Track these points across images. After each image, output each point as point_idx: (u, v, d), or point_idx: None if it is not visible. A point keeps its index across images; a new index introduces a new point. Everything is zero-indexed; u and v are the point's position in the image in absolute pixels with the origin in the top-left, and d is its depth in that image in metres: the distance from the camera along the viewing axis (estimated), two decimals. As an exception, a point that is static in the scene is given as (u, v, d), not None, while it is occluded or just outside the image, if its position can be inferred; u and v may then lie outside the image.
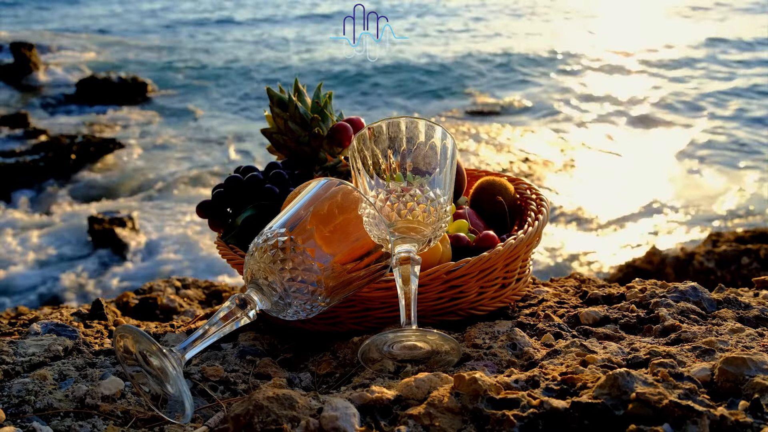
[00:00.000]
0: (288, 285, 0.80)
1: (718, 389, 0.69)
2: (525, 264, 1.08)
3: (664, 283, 1.08)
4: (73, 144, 7.18)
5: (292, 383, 0.87)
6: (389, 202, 0.88)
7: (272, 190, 1.11)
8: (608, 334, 0.91)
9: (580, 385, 0.70)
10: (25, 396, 0.78)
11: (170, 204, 6.47)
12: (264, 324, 1.08)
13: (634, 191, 6.47)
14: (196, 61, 12.58)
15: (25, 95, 10.42)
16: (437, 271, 0.93)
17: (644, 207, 6.10)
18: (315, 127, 1.19)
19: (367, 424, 0.66)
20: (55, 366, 0.88)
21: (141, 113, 9.53)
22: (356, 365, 0.89)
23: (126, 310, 1.54)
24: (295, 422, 0.64)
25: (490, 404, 0.66)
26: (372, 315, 0.98)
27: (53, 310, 1.30)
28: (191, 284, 1.94)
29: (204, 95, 10.41)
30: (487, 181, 1.25)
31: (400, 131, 0.91)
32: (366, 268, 0.85)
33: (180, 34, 15.23)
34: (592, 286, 1.17)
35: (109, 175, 7.25)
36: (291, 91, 1.23)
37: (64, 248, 5.56)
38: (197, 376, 0.88)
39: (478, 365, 0.84)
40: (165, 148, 8.13)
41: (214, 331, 0.78)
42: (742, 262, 2.97)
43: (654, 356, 0.78)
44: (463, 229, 1.09)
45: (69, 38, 14.91)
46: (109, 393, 0.80)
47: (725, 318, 0.94)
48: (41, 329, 1.01)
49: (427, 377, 0.73)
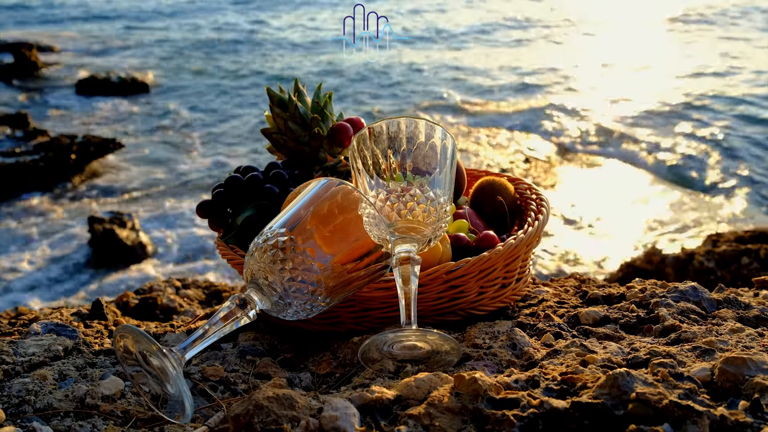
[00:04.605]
0: (288, 285, 0.80)
1: (718, 389, 0.69)
2: (525, 264, 1.08)
3: (664, 283, 1.08)
4: (73, 144, 7.18)
5: (292, 383, 0.87)
6: (389, 202, 0.88)
7: (272, 190, 1.11)
8: (608, 334, 0.91)
9: (580, 385, 0.70)
10: (25, 396, 0.78)
11: (170, 204, 6.47)
12: (264, 324, 1.08)
13: (633, 191, 6.47)
14: (198, 61, 12.58)
15: (25, 95, 10.42)
16: (437, 271, 0.93)
17: (644, 207, 6.10)
18: (315, 127, 1.19)
19: (367, 424, 0.66)
20: (55, 366, 0.88)
21: (141, 113, 9.52)
22: (356, 365, 0.89)
23: (126, 310, 1.54)
24: (295, 422, 0.64)
25: (490, 404, 0.66)
26: (372, 315, 0.98)
27: (53, 310, 1.30)
28: (191, 284, 1.94)
29: (205, 95, 10.41)
30: (487, 181, 1.25)
31: (400, 131, 0.91)
32: (366, 268, 0.85)
33: (181, 35, 15.23)
34: (592, 286, 1.17)
35: (109, 175, 7.25)
36: (291, 91, 1.23)
37: (64, 248, 5.56)
38: (197, 376, 0.88)
39: (478, 365, 0.84)
40: (165, 148, 8.14)
41: (214, 331, 0.78)
42: (742, 262, 2.97)
43: (654, 356, 0.78)
44: (463, 229, 1.09)
45: (69, 38, 14.91)
46: (109, 393, 0.80)
47: (725, 318, 0.94)
48: (41, 329, 1.01)
49: (427, 377, 0.72)
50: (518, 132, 8.30)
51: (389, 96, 9.87)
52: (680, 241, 5.29)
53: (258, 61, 12.35)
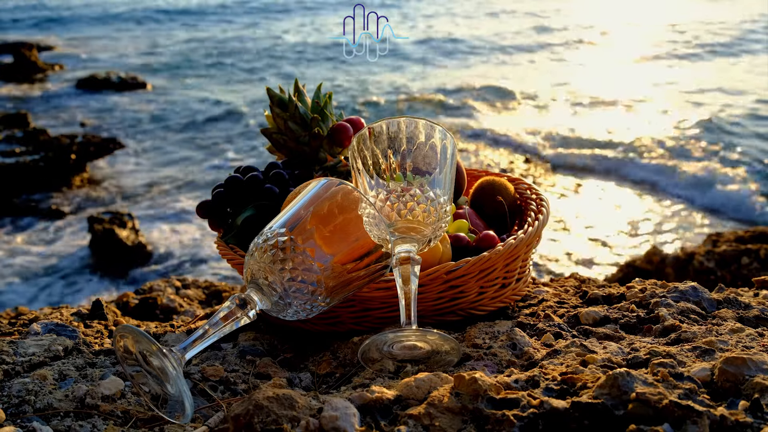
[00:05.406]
0: (288, 285, 0.80)
1: (718, 389, 0.69)
2: (525, 264, 1.08)
3: (664, 283, 1.08)
4: (73, 144, 7.18)
5: (292, 383, 0.87)
6: (389, 202, 0.88)
7: (272, 190, 1.11)
8: (608, 334, 0.91)
9: (580, 385, 0.70)
10: (25, 396, 0.78)
11: (171, 204, 6.47)
12: (264, 324, 1.08)
13: (634, 190, 6.47)
14: (200, 60, 12.58)
15: (25, 95, 10.42)
16: (437, 271, 0.93)
17: (644, 206, 6.10)
18: (315, 127, 1.19)
19: (367, 424, 0.66)
20: (55, 366, 0.88)
21: (141, 113, 9.52)
22: (356, 365, 0.89)
23: (126, 310, 1.54)
24: (295, 422, 0.64)
25: (490, 404, 0.66)
26: (372, 315, 0.98)
27: (53, 310, 1.30)
28: (191, 284, 1.94)
29: (205, 96, 10.40)
30: (487, 181, 1.25)
31: (400, 131, 0.91)
32: (366, 268, 0.85)
33: (184, 33, 15.22)
34: (592, 286, 1.17)
35: (109, 175, 7.25)
36: (291, 91, 1.23)
37: (64, 249, 5.56)
38: (197, 376, 0.88)
39: (478, 365, 0.84)
40: (165, 148, 8.14)
41: (214, 331, 0.78)
42: (742, 262, 2.97)
43: (654, 356, 0.78)
44: (463, 229, 1.09)
45: (69, 38, 14.90)
46: (109, 393, 0.80)
47: (725, 318, 0.94)
48: (41, 329, 1.01)
49: (427, 377, 0.72)
50: (518, 132, 8.29)
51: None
52: (680, 241, 5.29)
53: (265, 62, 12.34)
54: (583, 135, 7.99)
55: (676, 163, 6.88)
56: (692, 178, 6.46)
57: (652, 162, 6.97)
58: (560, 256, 5.15)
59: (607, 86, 10.12)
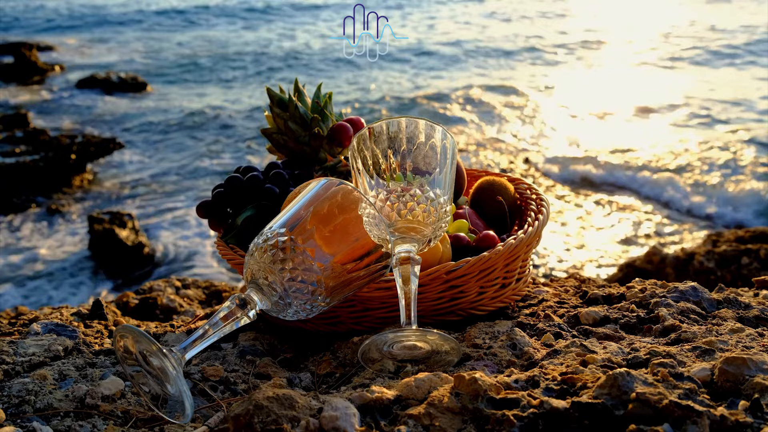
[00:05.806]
0: (288, 285, 0.80)
1: (718, 389, 0.69)
2: (525, 264, 1.08)
3: (664, 283, 1.08)
4: (73, 144, 7.18)
5: (292, 383, 0.87)
6: (389, 202, 0.88)
7: (272, 190, 1.11)
8: (608, 334, 0.91)
9: (580, 385, 0.70)
10: (25, 396, 0.78)
11: (171, 204, 6.47)
12: (264, 324, 1.08)
13: (634, 191, 6.47)
14: (201, 62, 12.58)
15: (25, 95, 10.42)
16: (437, 271, 0.93)
17: (644, 206, 6.10)
18: (315, 127, 1.19)
19: (367, 424, 0.66)
20: (55, 366, 0.88)
21: (141, 112, 9.52)
22: (356, 365, 0.89)
23: (126, 310, 1.54)
24: (295, 422, 0.64)
25: (490, 404, 0.66)
26: (372, 315, 0.98)
27: (53, 310, 1.30)
28: (191, 284, 1.94)
29: (206, 95, 10.41)
30: (487, 181, 1.25)
31: (400, 131, 0.91)
32: (366, 268, 0.85)
33: (185, 35, 15.23)
34: (592, 286, 1.17)
35: (109, 175, 7.25)
36: (291, 91, 1.23)
37: (64, 248, 5.56)
38: (197, 376, 0.88)
39: (478, 365, 0.84)
40: (166, 148, 8.14)
41: (214, 331, 0.78)
42: (742, 262, 2.97)
43: (654, 356, 0.78)
44: (463, 229, 1.09)
45: (69, 38, 14.91)
46: (109, 393, 0.80)
47: (725, 318, 0.94)
48: (41, 329, 1.01)
49: (427, 377, 0.72)
50: (519, 132, 8.30)
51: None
52: (680, 241, 5.29)
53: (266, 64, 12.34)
54: (583, 136, 7.99)
55: (678, 165, 6.87)
56: (693, 182, 6.46)
57: (652, 164, 6.97)
58: (560, 256, 5.15)
59: (607, 88, 10.12)
